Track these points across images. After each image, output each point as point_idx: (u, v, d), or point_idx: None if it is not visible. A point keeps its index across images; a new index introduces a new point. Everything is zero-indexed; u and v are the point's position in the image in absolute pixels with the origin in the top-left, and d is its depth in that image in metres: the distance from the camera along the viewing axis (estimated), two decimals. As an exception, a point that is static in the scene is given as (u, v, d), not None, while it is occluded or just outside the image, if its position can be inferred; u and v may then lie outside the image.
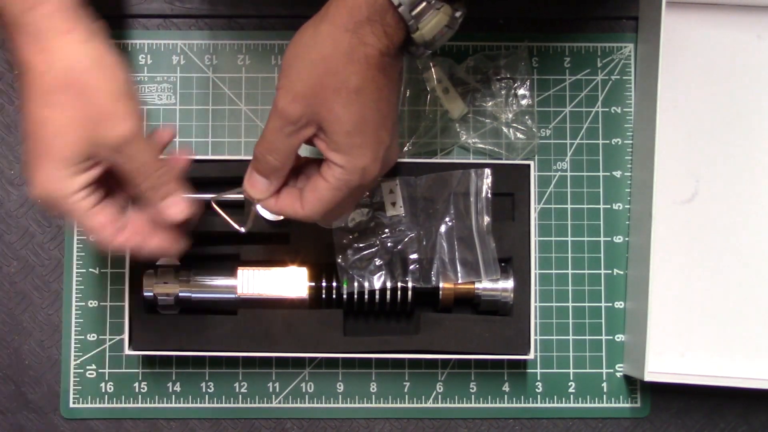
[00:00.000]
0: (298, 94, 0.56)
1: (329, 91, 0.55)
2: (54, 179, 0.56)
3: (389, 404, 0.77)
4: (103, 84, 0.55)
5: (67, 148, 0.55)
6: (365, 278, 0.71)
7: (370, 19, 0.55)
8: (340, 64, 0.55)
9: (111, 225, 0.59)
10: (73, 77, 0.54)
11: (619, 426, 0.78)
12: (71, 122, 0.55)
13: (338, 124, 0.56)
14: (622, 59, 0.79)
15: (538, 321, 0.77)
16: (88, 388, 0.76)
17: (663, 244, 0.75)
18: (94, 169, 0.57)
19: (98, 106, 0.55)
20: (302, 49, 0.56)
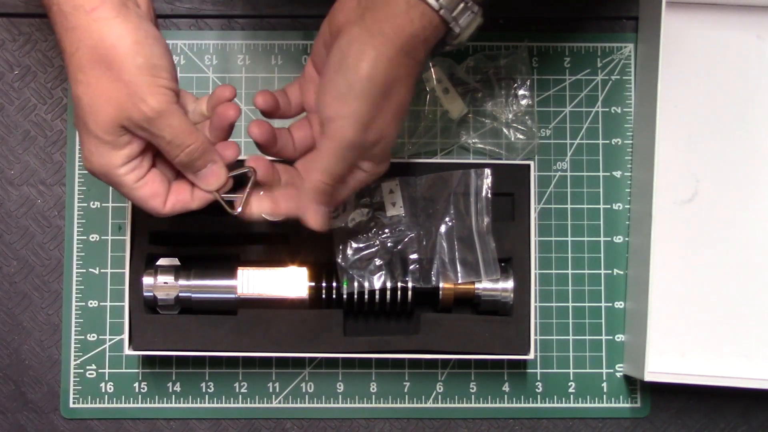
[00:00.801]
0: (367, 123, 0.57)
1: (388, 114, 0.57)
2: (97, 154, 0.57)
3: (389, 404, 0.77)
4: (129, 59, 0.55)
5: (101, 125, 0.56)
6: (365, 278, 0.71)
7: (425, 41, 0.56)
8: (401, 88, 0.57)
9: (159, 196, 0.59)
10: (99, 54, 0.55)
11: (619, 426, 0.78)
12: (101, 100, 0.55)
13: (389, 139, 0.59)
14: (622, 59, 0.79)
15: (538, 321, 0.77)
16: (88, 388, 0.76)
17: (663, 244, 0.75)
18: (133, 144, 0.57)
19: (125, 82, 0.55)
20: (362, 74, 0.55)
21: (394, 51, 0.55)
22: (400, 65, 0.55)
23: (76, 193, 0.77)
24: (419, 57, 0.56)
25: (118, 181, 0.58)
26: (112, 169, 0.57)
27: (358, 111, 0.56)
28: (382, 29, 0.55)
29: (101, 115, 0.55)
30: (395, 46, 0.55)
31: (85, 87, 0.55)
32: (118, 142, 0.57)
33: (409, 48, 0.55)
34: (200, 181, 0.61)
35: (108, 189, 0.77)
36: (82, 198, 0.77)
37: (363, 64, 0.55)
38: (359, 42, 0.55)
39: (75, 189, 0.77)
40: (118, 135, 0.56)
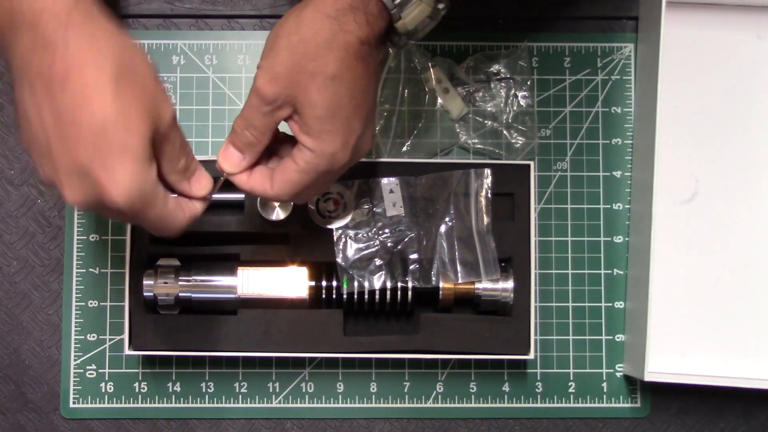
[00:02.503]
0: (276, 75, 0.56)
1: (306, 75, 0.56)
2: (142, 173, 0.52)
3: (389, 404, 0.77)
4: (148, 69, 0.54)
5: (141, 139, 0.52)
6: (365, 278, 0.71)
7: (353, 7, 0.55)
8: (319, 50, 0.56)
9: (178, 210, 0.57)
10: (127, 66, 0.52)
11: (619, 426, 0.78)
12: (137, 110, 0.52)
13: (311, 108, 0.57)
14: (622, 59, 0.79)
15: (538, 321, 0.77)
16: (88, 388, 0.76)
17: (663, 244, 0.75)
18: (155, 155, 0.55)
19: (151, 90, 0.53)
20: (284, 31, 0.57)
21: (315, 12, 0.56)
22: (321, 26, 0.55)
23: (76, 193, 0.77)
24: (348, 26, 0.55)
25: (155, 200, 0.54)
26: (153, 186, 0.54)
27: (270, 62, 0.57)
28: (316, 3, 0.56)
29: (141, 128, 0.52)
30: (317, 8, 0.56)
31: (121, 102, 0.51)
32: (150, 155, 0.53)
33: (334, 12, 0.55)
34: (194, 185, 0.59)
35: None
36: (82, 198, 0.77)
37: (285, 22, 0.57)
38: (291, 9, 0.57)
39: (75, 189, 0.77)
40: (149, 148, 0.53)
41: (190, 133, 0.78)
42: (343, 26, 0.55)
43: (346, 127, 0.58)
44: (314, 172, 0.59)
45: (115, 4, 0.78)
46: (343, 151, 0.58)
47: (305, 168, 0.59)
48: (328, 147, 0.58)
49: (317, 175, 0.59)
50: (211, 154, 0.77)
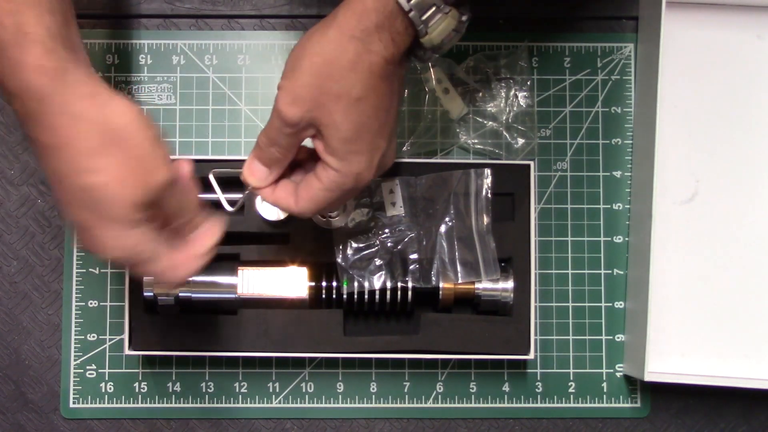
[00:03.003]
0: (298, 98, 0.56)
1: (330, 98, 0.55)
2: (124, 237, 0.54)
3: (389, 404, 0.77)
4: (140, 133, 0.53)
5: (126, 204, 0.53)
6: (365, 278, 0.71)
7: (378, 26, 0.55)
8: (343, 72, 0.55)
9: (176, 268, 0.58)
10: (113, 133, 0.52)
11: (619, 426, 0.78)
12: (124, 177, 0.52)
13: (336, 131, 0.56)
14: (622, 59, 0.79)
15: (538, 321, 0.77)
16: (88, 388, 0.76)
17: (663, 244, 0.75)
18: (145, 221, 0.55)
19: (142, 155, 0.53)
20: (307, 52, 0.56)
21: (339, 32, 0.55)
22: (346, 48, 0.55)
23: (76, 193, 0.77)
24: (373, 46, 0.55)
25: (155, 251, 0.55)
26: (144, 245, 0.55)
27: (292, 83, 0.56)
28: (335, 16, 0.55)
29: (126, 193, 0.53)
30: (341, 29, 0.55)
31: (103, 172, 0.52)
32: (142, 218, 0.54)
33: (359, 33, 0.54)
34: (197, 240, 0.59)
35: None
36: (82, 198, 0.77)
37: (308, 42, 0.56)
38: (314, 27, 0.57)
39: (75, 189, 0.77)
40: (141, 211, 0.54)
41: (189, 133, 0.78)
42: (368, 47, 0.55)
43: (371, 146, 0.58)
44: (339, 190, 0.59)
45: (116, 4, 0.78)
46: (368, 169, 0.58)
47: (329, 186, 0.59)
48: (353, 167, 0.58)
49: (341, 193, 0.59)
50: (210, 154, 0.77)
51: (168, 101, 0.78)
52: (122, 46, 0.78)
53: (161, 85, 0.78)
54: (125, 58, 0.78)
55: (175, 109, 0.78)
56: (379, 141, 0.58)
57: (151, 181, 0.53)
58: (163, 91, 0.78)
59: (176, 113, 0.78)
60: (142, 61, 0.78)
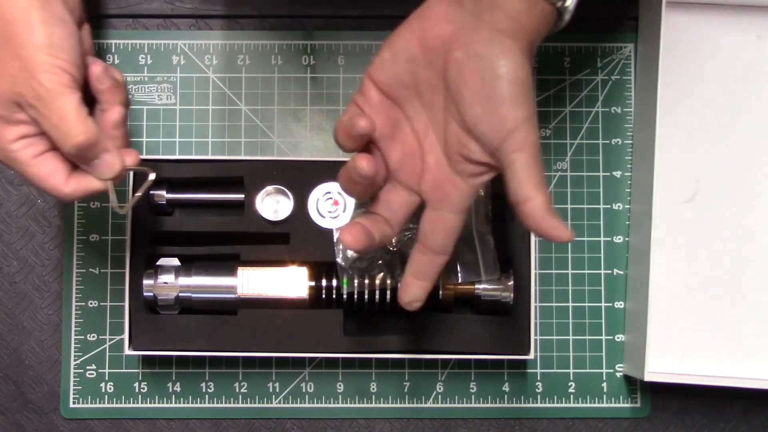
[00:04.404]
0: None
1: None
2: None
3: (389, 404, 0.77)
4: (26, 35, 0.54)
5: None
6: (365, 278, 0.71)
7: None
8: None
9: (59, 174, 0.57)
10: (2, 29, 0.55)
11: (619, 426, 0.78)
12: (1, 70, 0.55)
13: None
14: (622, 59, 0.79)
15: (538, 321, 0.77)
16: (88, 388, 0.76)
17: (663, 244, 0.75)
18: (30, 124, 0.56)
19: (22, 58, 0.54)
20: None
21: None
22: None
23: (76, 193, 0.77)
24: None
25: (13, 156, 0.56)
26: (4, 143, 0.56)
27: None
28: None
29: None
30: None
31: None
32: (11, 117, 0.55)
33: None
34: (92, 170, 0.58)
35: (108, 189, 0.77)
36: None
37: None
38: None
39: (75, 189, 0.77)
40: (12, 111, 0.55)
41: (189, 133, 0.78)
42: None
43: None
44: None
45: (117, 4, 0.78)
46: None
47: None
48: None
49: None
50: (210, 154, 0.77)
51: (168, 101, 0.78)
52: (122, 46, 0.78)
53: (161, 85, 0.78)
54: (125, 58, 0.78)
55: (175, 109, 0.78)
56: None
57: (25, 85, 0.54)
58: (163, 91, 0.78)
59: (176, 113, 0.78)
60: (142, 61, 0.78)
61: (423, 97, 0.56)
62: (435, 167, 0.56)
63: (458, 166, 0.55)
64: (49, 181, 0.57)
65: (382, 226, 0.58)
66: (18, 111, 0.56)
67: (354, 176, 0.56)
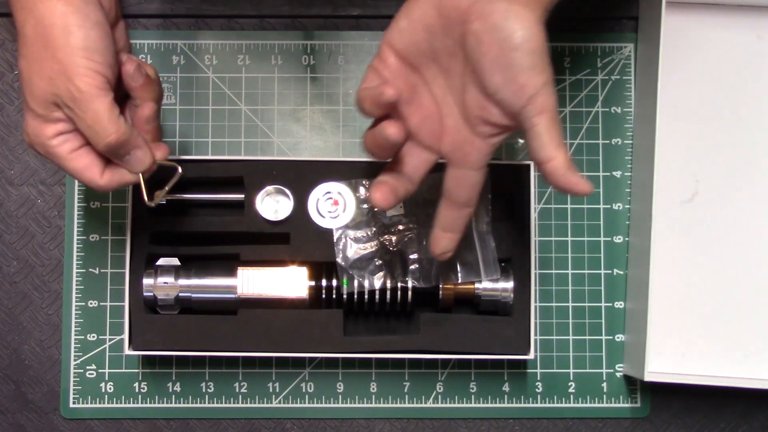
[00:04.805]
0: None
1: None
2: (32, 126, 0.59)
3: (389, 404, 0.77)
4: (63, 39, 0.57)
5: (35, 98, 0.58)
6: (365, 278, 0.71)
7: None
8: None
9: (94, 167, 0.61)
10: (39, 32, 0.57)
11: (619, 426, 0.78)
12: (37, 75, 0.58)
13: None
14: (622, 59, 0.79)
15: (538, 321, 0.77)
16: (88, 388, 0.76)
17: (663, 244, 0.75)
18: (67, 121, 0.59)
19: (59, 60, 0.57)
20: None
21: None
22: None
23: (76, 193, 0.77)
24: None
25: (52, 151, 0.60)
26: (44, 140, 0.59)
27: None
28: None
29: (35, 88, 0.58)
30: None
31: (26, 61, 0.58)
32: (50, 116, 0.58)
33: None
34: (124, 164, 0.62)
35: (108, 189, 0.77)
36: (82, 198, 0.77)
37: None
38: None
39: (75, 189, 0.77)
40: (50, 110, 0.58)
41: (190, 133, 0.78)
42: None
43: None
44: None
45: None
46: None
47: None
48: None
49: None
50: (210, 154, 0.77)
51: (168, 101, 0.78)
52: (122, 46, 0.78)
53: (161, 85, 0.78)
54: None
55: (175, 109, 0.78)
56: None
57: (61, 86, 0.57)
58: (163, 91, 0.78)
59: (176, 113, 0.78)
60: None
61: (440, 63, 0.58)
62: (454, 129, 0.59)
63: (477, 127, 0.58)
64: (85, 174, 0.61)
65: (405, 182, 0.62)
66: (55, 110, 0.58)
67: (381, 142, 0.59)
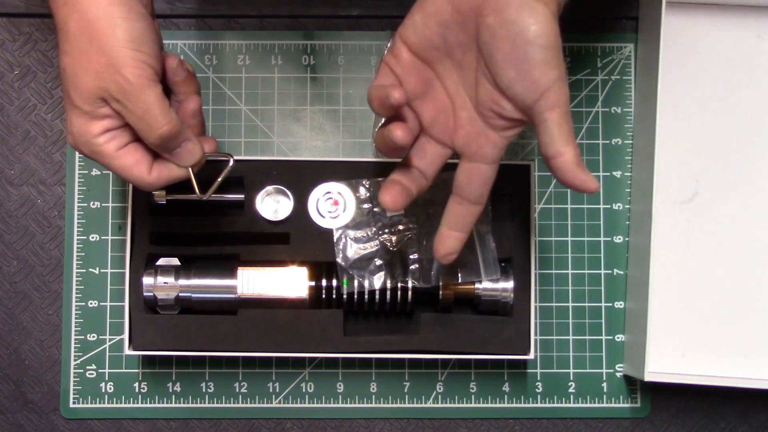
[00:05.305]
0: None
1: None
2: (77, 124, 0.58)
3: (389, 404, 0.77)
4: (110, 31, 0.56)
5: (81, 95, 0.57)
6: (365, 278, 0.71)
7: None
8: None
9: (142, 164, 0.60)
10: (84, 27, 0.56)
11: (619, 426, 0.78)
12: (82, 70, 0.57)
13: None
14: (622, 59, 0.79)
15: (538, 321, 0.77)
16: (88, 388, 0.76)
17: (663, 244, 0.75)
18: (113, 117, 0.58)
19: (105, 54, 0.56)
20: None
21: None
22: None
23: (76, 193, 0.77)
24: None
25: (98, 150, 0.59)
26: (90, 138, 0.58)
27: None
28: None
29: (81, 84, 0.57)
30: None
31: (70, 58, 0.57)
32: (96, 112, 0.58)
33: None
34: (174, 158, 0.61)
35: (108, 189, 0.77)
36: (82, 198, 0.77)
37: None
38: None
39: (75, 189, 0.77)
40: (97, 106, 0.57)
41: (190, 133, 0.78)
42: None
43: None
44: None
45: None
46: None
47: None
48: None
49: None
50: (211, 154, 0.77)
51: (168, 101, 0.78)
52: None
53: (161, 85, 0.78)
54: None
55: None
56: None
57: (110, 80, 0.56)
58: (163, 91, 0.78)
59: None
60: (142, 61, 0.78)
61: (454, 57, 0.58)
62: (467, 122, 0.59)
63: (491, 121, 0.58)
64: (133, 171, 0.60)
65: (418, 178, 0.62)
66: (102, 105, 0.57)
67: (389, 143, 0.59)
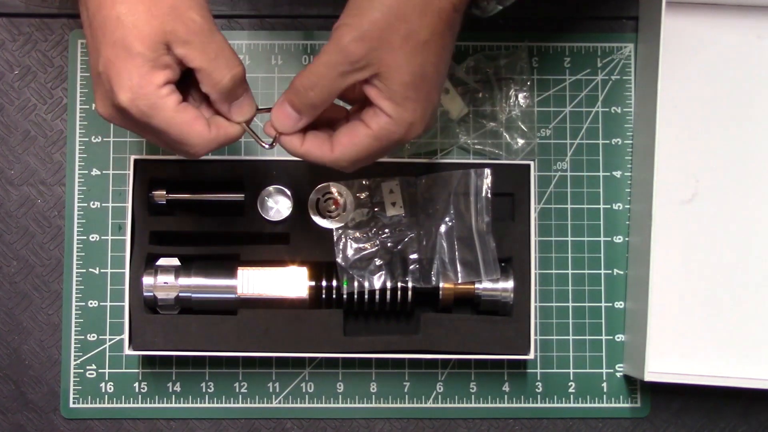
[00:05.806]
0: (366, 34, 0.54)
1: (397, 38, 0.54)
2: (138, 75, 0.54)
3: (389, 404, 0.77)
4: None
5: (145, 39, 0.54)
6: (365, 278, 0.71)
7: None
8: (414, 13, 0.53)
9: (197, 121, 0.57)
10: None
11: (619, 426, 0.78)
12: (146, 15, 0.54)
13: (398, 73, 0.54)
14: (622, 59, 0.79)
15: (538, 321, 0.77)
16: (88, 388, 0.76)
17: (663, 244, 0.75)
18: (174, 67, 0.55)
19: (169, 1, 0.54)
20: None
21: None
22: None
23: (76, 193, 0.77)
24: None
25: (160, 103, 0.55)
26: (153, 89, 0.54)
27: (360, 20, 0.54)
28: None
29: (146, 28, 0.53)
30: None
31: (126, 7, 0.54)
32: (160, 60, 0.54)
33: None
34: (234, 110, 0.59)
35: (108, 189, 0.77)
36: (82, 198, 0.77)
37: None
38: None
39: (75, 189, 0.77)
40: (160, 53, 0.54)
41: (190, 133, 0.78)
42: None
43: (428, 97, 0.56)
44: (386, 140, 0.57)
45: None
46: (421, 122, 0.56)
47: (379, 134, 0.56)
48: (408, 115, 0.56)
49: (388, 144, 0.57)
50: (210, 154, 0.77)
51: (168, 101, 0.78)
52: (122, 46, 0.78)
53: (161, 85, 0.78)
54: None
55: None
56: (434, 94, 0.56)
57: (177, 22, 0.54)
58: (163, 91, 0.78)
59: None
60: (142, 61, 0.78)
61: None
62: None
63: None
64: (194, 127, 0.56)
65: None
66: (164, 53, 0.55)
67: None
